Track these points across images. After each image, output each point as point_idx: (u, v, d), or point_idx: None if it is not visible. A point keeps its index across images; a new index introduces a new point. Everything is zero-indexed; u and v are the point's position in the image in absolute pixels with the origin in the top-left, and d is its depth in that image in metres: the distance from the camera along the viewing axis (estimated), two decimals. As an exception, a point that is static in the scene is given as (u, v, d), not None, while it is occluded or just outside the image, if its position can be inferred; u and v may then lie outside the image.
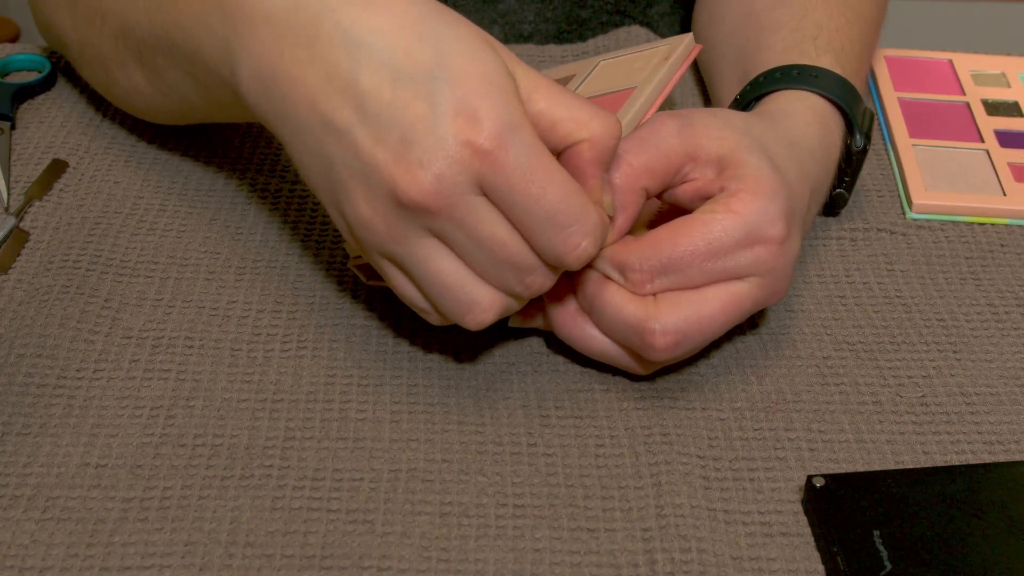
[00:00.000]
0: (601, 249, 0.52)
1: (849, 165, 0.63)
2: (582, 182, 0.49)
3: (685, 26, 0.92)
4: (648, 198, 0.54)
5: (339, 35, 0.48)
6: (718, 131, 0.54)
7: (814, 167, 0.59)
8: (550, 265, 0.49)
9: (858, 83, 0.64)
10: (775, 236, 0.52)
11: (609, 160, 0.50)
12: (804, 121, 0.60)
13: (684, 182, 0.55)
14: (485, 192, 0.47)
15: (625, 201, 0.53)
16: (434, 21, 0.48)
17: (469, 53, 0.47)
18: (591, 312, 0.54)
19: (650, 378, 0.56)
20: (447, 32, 0.47)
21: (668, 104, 0.76)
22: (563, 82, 0.66)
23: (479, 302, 0.49)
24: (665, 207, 0.58)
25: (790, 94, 0.62)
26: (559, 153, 0.50)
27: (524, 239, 0.48)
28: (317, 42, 0.48)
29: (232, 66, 0.52)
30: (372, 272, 0.57)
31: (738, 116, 0.58)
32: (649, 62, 0.61)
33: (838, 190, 0.64)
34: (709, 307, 0.52)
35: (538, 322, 0.57)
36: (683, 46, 0.61)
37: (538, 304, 0.56)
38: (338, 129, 0.48)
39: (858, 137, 0.63)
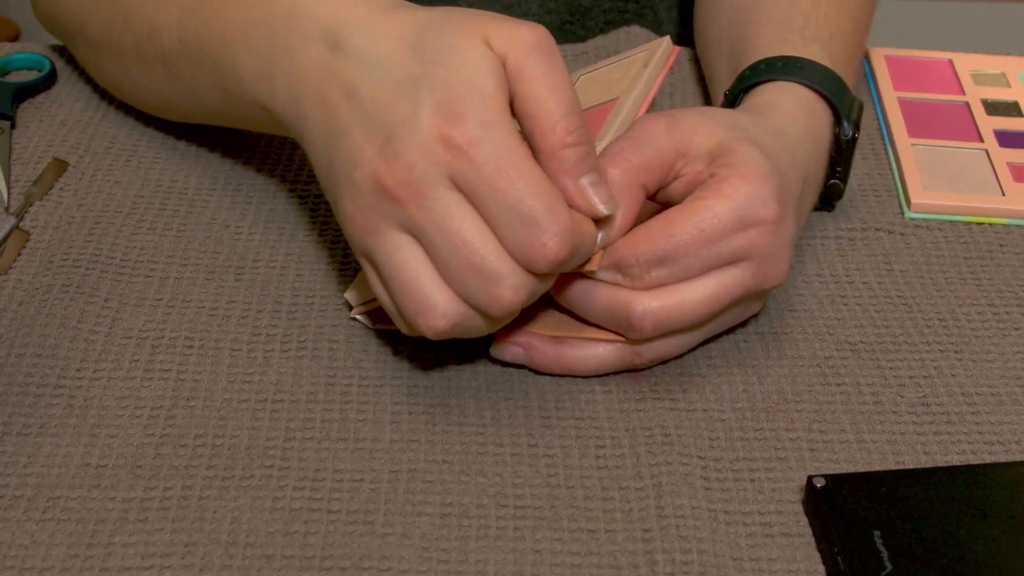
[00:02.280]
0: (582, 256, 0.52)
1: (839, 155, 0.64)
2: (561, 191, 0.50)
3: (689, 17, 0.91)
4: (647, 196, 0.55)
5: (352, 56, 0.52)
6: (705, 126, 0.55)
7: (804, 156, 0.59)
8: (521, 281, 0.49)
9: (849, 71, 0.64)
10: (768, 217, 0.53)
11: (576, 168, 0.50)
12: (790, 112, 0.61)
13: (676, 179, 0.55)
14: (460, 188, 0.48)
15: (625, 199, 0.53)
16: (430, 33, 0.50)
17: (455, 62, 0.49)
18: (570, 295, 0.54)
19: (650, 379, 0.56)
20: (438, 43, 0.50)
21: (652, 109, 0.75)
22: None
23: (434, 306, 0.49)
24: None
25: (775, 86, 0.62)
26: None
27: (497, 240, 0.49)
28: (337, 64, 0.52)
29: (270, 82, 0.55)
30: (378, 316, 0.58)
31: (724, 112, 0.58)
32: (628, 71, 0.61)
33: (833, 181, 0.65)
34: (693, 295, 0.53)
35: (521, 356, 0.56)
36: (661, 51, 0.61)
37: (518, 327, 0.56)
38: (342, 133, 0.51)
39: (846, 126, 0.63)
